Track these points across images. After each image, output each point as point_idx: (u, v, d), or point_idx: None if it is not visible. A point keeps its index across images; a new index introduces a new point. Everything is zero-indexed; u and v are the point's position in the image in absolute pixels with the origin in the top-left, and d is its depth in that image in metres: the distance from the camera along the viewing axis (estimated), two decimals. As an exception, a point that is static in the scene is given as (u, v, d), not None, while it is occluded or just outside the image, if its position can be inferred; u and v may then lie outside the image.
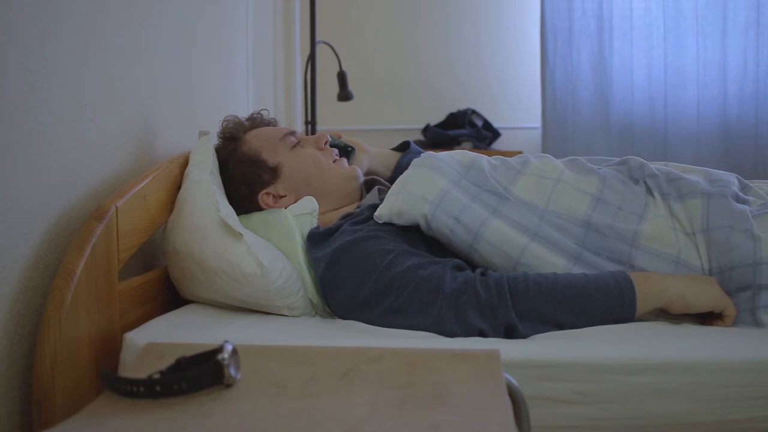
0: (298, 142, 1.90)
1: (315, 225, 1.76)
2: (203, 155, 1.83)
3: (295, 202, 1.83)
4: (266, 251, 1.61)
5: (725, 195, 1.66)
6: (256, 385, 1.02)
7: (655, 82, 3.96)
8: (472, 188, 1.69)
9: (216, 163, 1.85)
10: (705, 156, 3.88)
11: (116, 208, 1.49)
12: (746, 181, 1.81)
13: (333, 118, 4.16)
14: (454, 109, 4.29)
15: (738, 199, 1.69)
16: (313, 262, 1.68)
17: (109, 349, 1.44)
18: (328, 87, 3.74)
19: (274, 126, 1.98)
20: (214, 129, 1.95)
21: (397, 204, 1.66)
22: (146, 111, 1.86)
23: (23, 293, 1.32)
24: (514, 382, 1.10)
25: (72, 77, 1.48)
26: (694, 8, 3.92)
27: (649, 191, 1.72)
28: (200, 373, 1.00)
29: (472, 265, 1.62)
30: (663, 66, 3.95)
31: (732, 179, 1.77)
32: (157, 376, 0.99)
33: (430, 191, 1.65)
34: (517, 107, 4.37)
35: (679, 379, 1.31)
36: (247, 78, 2.95)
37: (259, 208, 1.84)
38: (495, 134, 4.27)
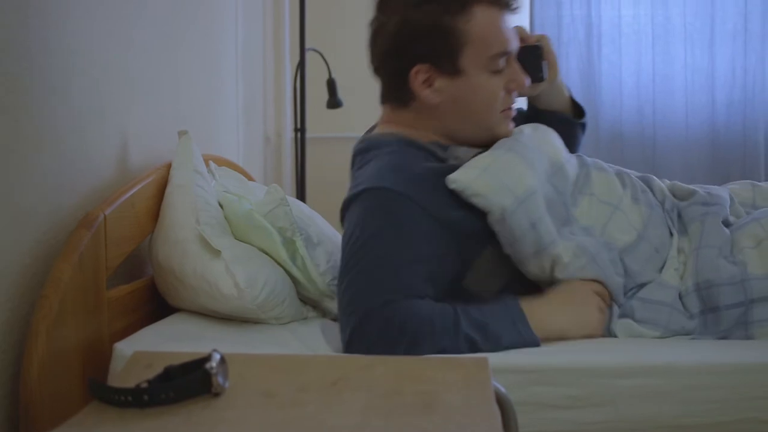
0: (500, 71, 1.65)
1: (292, 226, 1.70)
2: (185, 155, 1.80)
3: (437, 119, 1.67)
4: (246, 266, 1.59)
5: (718, 214, 1.66)
6: (245, 394, 1.02)
7: (643, 89, 3.97)
8: (551, 194, 1.59)
9: (200, 159, 1.81)
10: (693, 163, 3.89)
11: (104, 216, 1.49)
12: (733, 197, 1.80)
13: (322, 125, 4.16)
14: (443, 116, 4.29)
15: (727, 221, 1.69)
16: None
17: (97, 357, 1.43)
18: (317, 94, 3.73)
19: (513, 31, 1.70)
20: (204, 135, 1.94)
21: (480, 184, 1.52)
22: (135, 117, 1.86)
23: (11, 301, 1.31)
24: (502, 389, 1.10)
25: (60, 83, 1.48)
26: (683, 15, 3.93)
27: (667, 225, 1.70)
28: (188, 382, 1.00)
29: (511, 265, 1.58)
30: (651, 73, 3.96)
31: (726, 197, 1.75)
32: (145, 385, 0.99)
33: (518, 185, 1.53)
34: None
35: (667, 382, 1.33)
36: (237, 84, 2.94)
37: (402, 85, 1.67)
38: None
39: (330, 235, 1.93)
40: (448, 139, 1.69)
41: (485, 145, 1.66)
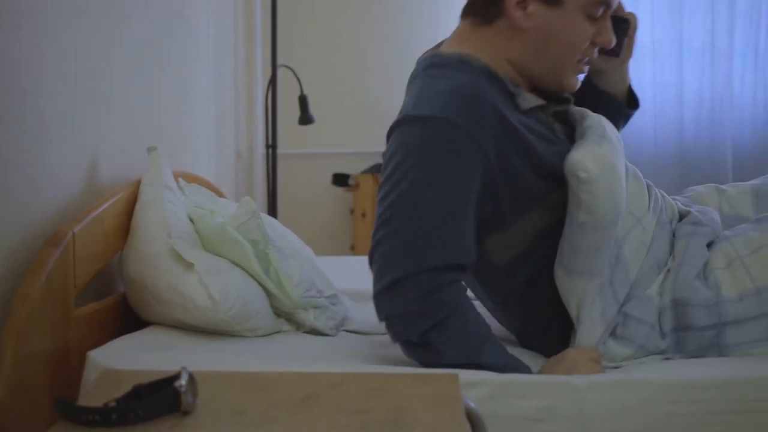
0: (595, 19, 1.59)
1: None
2: (155, 172, 1.80)
3: (516, 45, 1.59)
4: (219, 278, 1.59)
5: (705, 236, 1.64)
6: (215, 412, 1.02)
7: (613, 105, 4.01)
8: None
9: (170, 175, 1.81)
10: (662, 179, 3.93)
11: (73, 233, 1.48)
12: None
13: (294, 141, 4.16)
14: (415, 132, 4.30)
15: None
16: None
17: (66, 375, 1.42)
18: (289, 110, 3.74)
19: None
20: (175, 152, 1.94)
21: (603, 186, 1.44)
22: (105, 133, 1.85)
23: (-22, 320, 1.30)
24: (472, 404, 1.10)
25: (29, 98, 1.47)
26: (651, 33, 3.98)
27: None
28: (157, 401, 0.99)
29: (527, 242, 1.56)
30: (620, 90, 4.00)
31: (717, 219, 1.73)
32: (113, 404, 0.98)
33: (620, 203, 1.48)
34: (477, 130, 4.40)
35: (636, 396, 1.33)
36: (208, 100, 2.94)
37: (495, 4, 1.59)
38: (456, 157, 4.29)
39: (301, 249, 1.93)
40: (517, 72, 1.63)
41: (548, 89, 1.64)
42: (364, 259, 1.59)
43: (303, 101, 3.57)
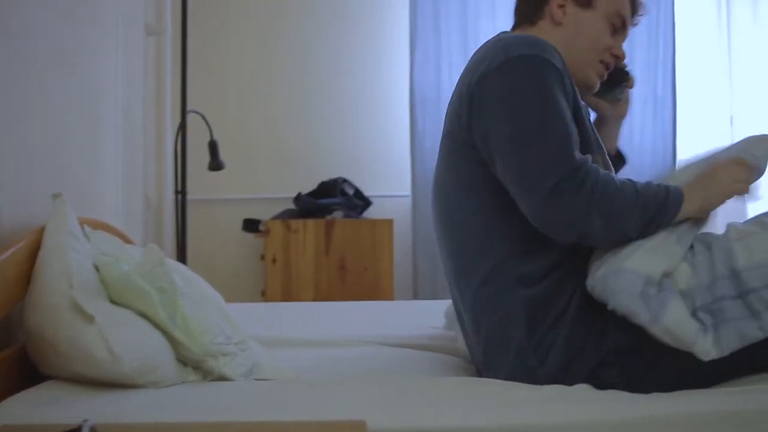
0: (615, 29, 1.88)
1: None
2: (59, 218, 1.77)
3: (554, 39, 1.81)
4: (121, 331, 1.56)
5: None
6: (119, 463, 1.00)
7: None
8: None
9: (75, 222, 1.78)
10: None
11: (-27, 282, 1.44)
12: None
13: (205, 187, 4.14)
14: (325, 178, 4.33)
15: None
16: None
17: (-37, 429, 1.37)
18: (199, 156, 3.72)
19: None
20: (81, 198, 1.91)
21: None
22: (7, 179, 1.81)
23: None
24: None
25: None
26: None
27: None
28: (59, 452, 0.97)
29: None
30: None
31: None
32: (13, 456, 0.96)
33: None
34: (387, 176, 4.45)
35: None
36: (116, 146, 2.90)
37: (540, 5, 1.87)
38: (366, 203, 4.32)
39: (211, 295, 1.91)
40: None
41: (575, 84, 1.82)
42: (275, 305, 1.59)
43: (213, 147, 3.56)
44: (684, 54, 4.44)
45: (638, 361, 1.61)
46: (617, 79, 1.96)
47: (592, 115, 2.04)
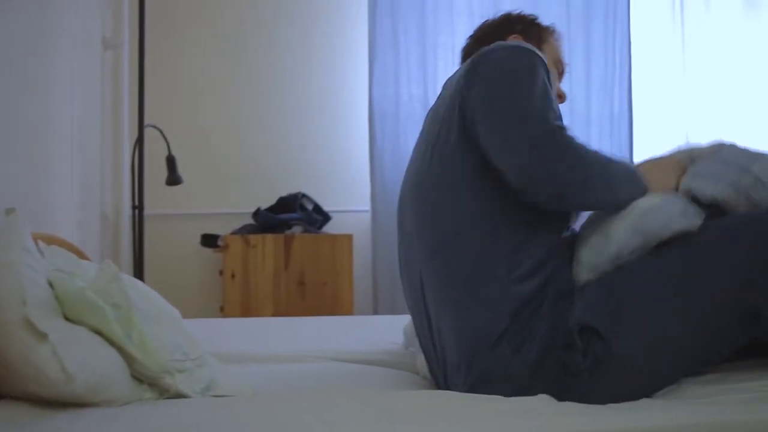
0: (557, 72, 2.07)
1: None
2: (13, 234, 1.73)
3: None
4: (75, 349, 1.53)
5: None
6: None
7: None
8: None
9: (29, 238, 1.75)
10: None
11: None
12: None
13: (162, 202, 4.11)
14: (284, 193, 4.31)
15: None
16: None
17: None
18: (157, 171, 3.69)
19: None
20: (35, 214, 1.88)
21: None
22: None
23: None
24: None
25: None
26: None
27: None
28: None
29: None
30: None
31: None
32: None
33: None
34: (347, 191, 4.44)
35: None
36: (72, 161, 2.87)
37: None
38: (326, 218, 4.31)
39: (167, 311, 1.89)
40: None
41: None
42: (233, 321, 1.58)
43: (171, 162, 3.54)
44: (640, 72, 4.49)
45: (599, 342, 1.62)
46: None
47: None
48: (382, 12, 4.30)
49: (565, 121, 1.78)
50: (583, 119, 4.28)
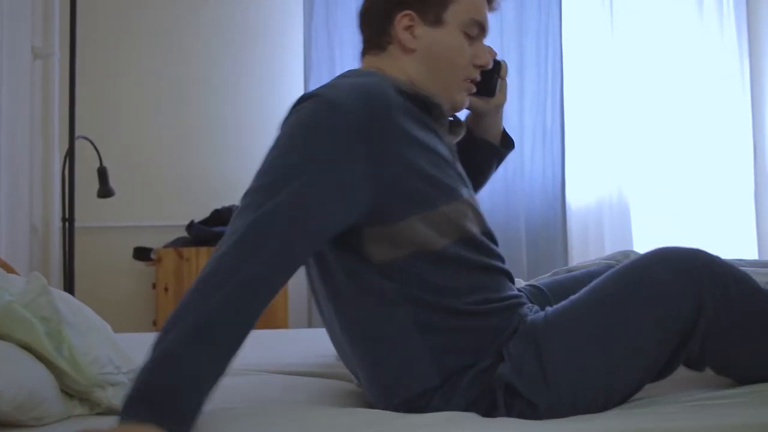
0: (472, 38, 1.71)
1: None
2: None
3: (410, 66, 1.69)
4: (2, 365, 1.49)
5: None
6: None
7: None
8: None
9: None
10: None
11: None
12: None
13: (94, 214, 4.04)
14: (218, 206, 4.27)
15: None
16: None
17: None
18: (88, 183, 3.64)
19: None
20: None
21: None
22: None
23: None
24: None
25: None
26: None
27: None
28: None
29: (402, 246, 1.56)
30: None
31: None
32: None
33: None
34: (282, 203, 4.43)
35: None
36: (-1, 173, 2.82)
37: (385, 29, 1.71)
38: (261, 230, 4.28)
39: (100, 326, 1.86)
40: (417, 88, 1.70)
41: (446, 108, 1.72)
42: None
43: (102, 173, 3.48)
44: (572, 85, 4.56)
45: (523, 401, 1.55)
46: (489, 74, 1.82)
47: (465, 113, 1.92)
48: (318, 27, 4.35)
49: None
50: (516, 133, 4.34)
